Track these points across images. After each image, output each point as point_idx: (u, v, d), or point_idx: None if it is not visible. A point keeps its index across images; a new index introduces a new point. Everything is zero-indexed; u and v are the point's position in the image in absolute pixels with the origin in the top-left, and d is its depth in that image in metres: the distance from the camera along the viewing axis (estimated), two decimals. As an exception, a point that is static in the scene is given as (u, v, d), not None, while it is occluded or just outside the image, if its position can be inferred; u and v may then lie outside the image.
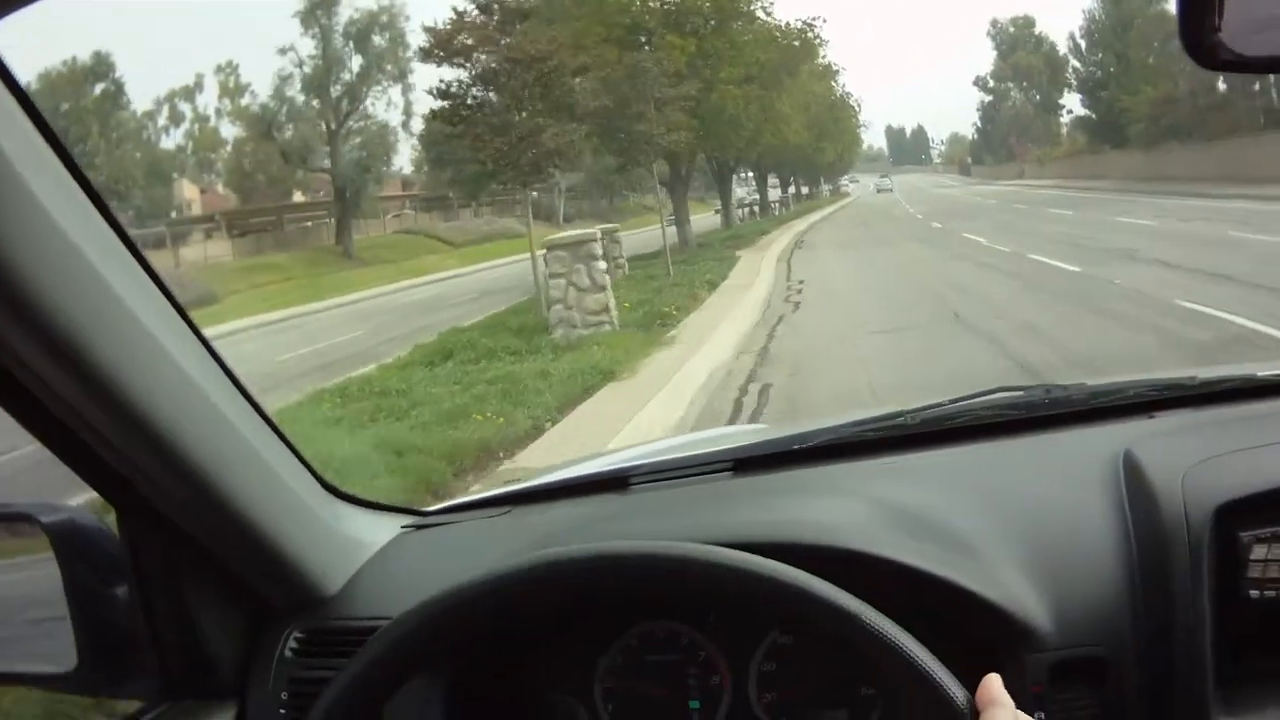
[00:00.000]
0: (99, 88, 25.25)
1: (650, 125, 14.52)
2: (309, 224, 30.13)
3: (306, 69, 25.88)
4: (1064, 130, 42.70)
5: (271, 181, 29.34)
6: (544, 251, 9.78)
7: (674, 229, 19.30)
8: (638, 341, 8.44)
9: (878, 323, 8.47)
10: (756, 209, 34.08)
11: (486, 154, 10.96)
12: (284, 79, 26.21)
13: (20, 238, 0.58)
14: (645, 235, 21.01)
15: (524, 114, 10.85)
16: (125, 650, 0.83)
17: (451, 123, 11.45)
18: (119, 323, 0.65)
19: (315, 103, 26.27)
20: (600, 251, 9.40)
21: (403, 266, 23.73)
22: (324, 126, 26.34)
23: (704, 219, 28.31)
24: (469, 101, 11.15)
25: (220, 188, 31.60)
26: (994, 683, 0.55)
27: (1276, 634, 0.77)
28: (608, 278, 9.42)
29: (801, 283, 12.83)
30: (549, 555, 0.63)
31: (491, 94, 11.02)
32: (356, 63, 26.07)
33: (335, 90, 26.09)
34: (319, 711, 0.62)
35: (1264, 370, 1.02)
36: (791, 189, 42.59)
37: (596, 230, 10.12)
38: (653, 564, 0.62)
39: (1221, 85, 22.98)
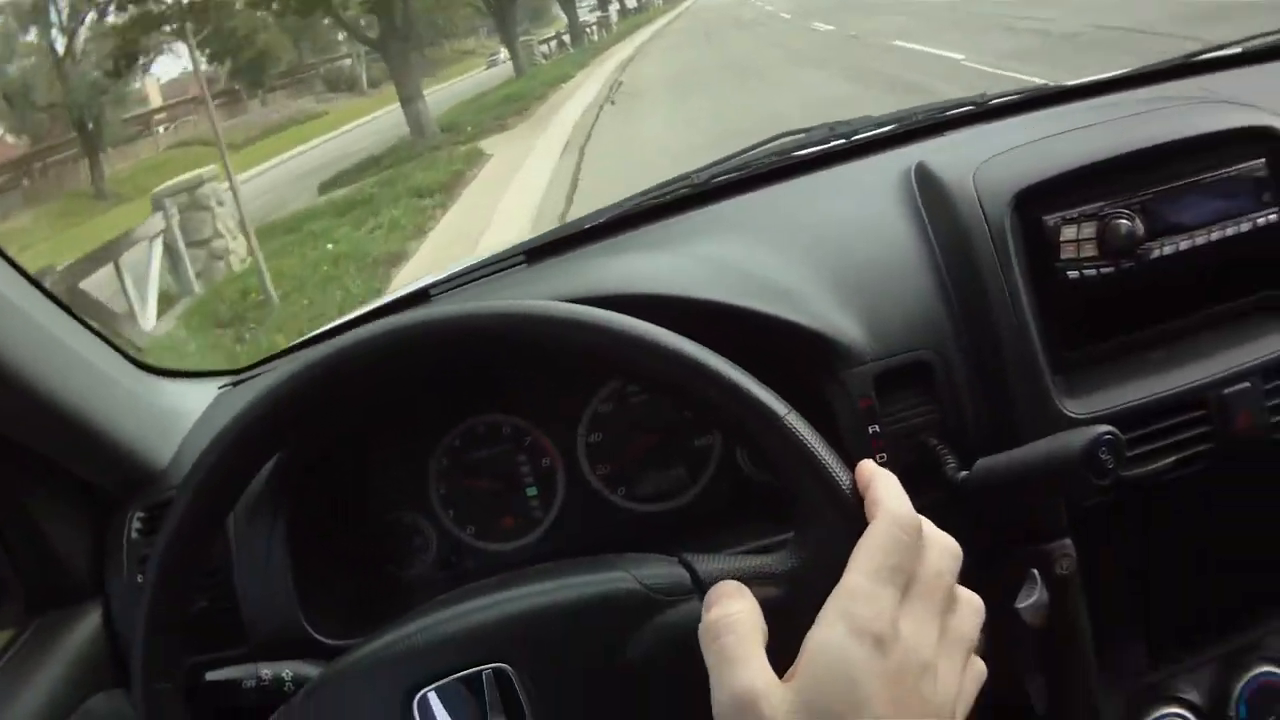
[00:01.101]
0: None
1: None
2: (70, 166, 25.23)
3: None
4: None
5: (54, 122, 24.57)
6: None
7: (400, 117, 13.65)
8: None
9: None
10: (567, 39, 26.29)
11: None
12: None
13: None
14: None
15: None
16: None
17: None
18: None
19: (34, 30, 21.18)
20: None
21: (166, 194, 18.14)
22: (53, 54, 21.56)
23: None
24: None
25: (10, 138, 26.33)
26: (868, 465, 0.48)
27: (1107, 315, 0.78)
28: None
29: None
30: (336, 343, 0.55)
31: None
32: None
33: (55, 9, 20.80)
34: (152, 568, 0.56)
35: (1054, 83, 1.02)
36: (615, 3, 36.98)
37: None
38: (453, 326, 0.54)
39: None
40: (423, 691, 0.52)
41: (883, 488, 0.46)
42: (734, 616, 0.43)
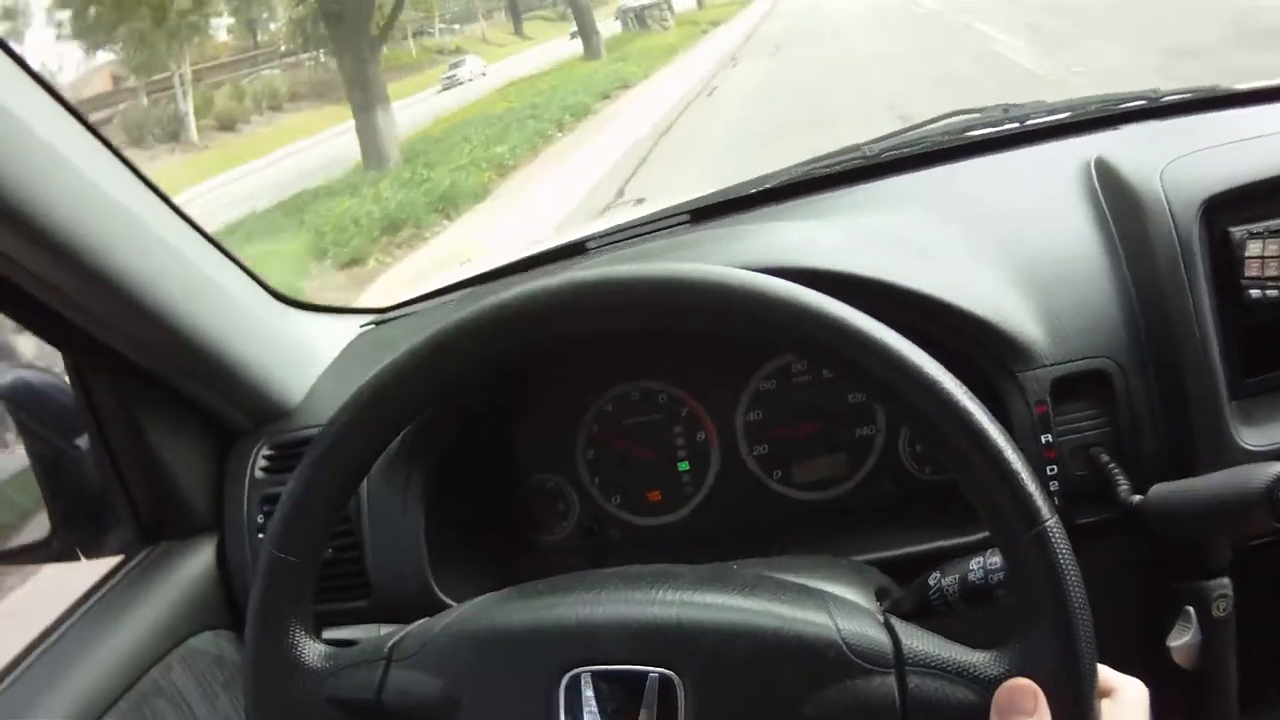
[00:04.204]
0: None
1: None
2: None
3: None
4: None
5: None
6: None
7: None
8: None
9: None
10: (647, 13, 17.11)
11: None
12: None
13: None
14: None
15: None
16: (97, 506, 0.80)
17: None
18: (50, 163, 0.62)
19: None
20: None
21: None
22: None
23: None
24: None
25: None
26: None
27: None
28: None
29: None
30: (487, 303, 0.51)
31: None
32: None
33: None
34: (279, 515, 0.53)
35: (1228, 83, 0.97)
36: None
37: None
38: (621, 288, 0.50)
39: None
40: (577, 671, 0.48)
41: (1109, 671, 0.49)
42: None
